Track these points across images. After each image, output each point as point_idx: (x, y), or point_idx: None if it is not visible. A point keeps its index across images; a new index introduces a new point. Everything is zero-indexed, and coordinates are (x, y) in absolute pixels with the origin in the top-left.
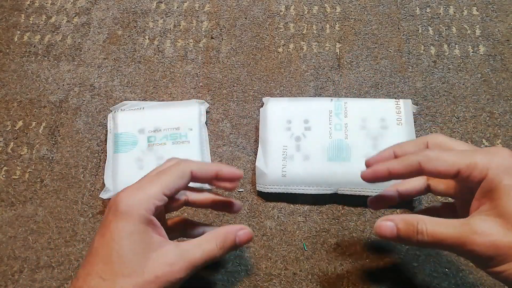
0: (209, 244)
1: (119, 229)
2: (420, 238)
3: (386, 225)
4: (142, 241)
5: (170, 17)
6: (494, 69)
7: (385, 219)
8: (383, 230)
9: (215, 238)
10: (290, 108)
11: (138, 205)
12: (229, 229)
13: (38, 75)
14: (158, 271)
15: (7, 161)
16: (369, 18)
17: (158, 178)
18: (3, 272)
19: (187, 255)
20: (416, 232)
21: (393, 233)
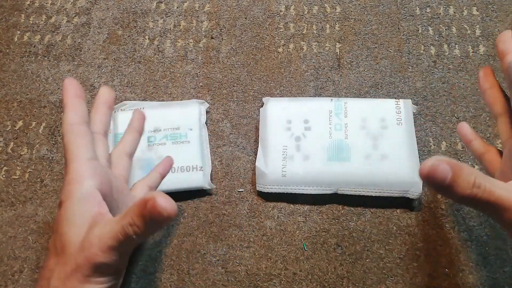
0: (120, 223)
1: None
2: (475, 192)
3: (443, 168)
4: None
5: (170, 17)
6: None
7: (443, 161)
8: (438, 172)
9: (125, 216)
10: (290, 108)
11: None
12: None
13: (38, 75)
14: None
15: (7, 161)
16: (369, 18)
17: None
18: (3, 272)
19: (103, 238)
20: (472, 184)
21: (446, 178)
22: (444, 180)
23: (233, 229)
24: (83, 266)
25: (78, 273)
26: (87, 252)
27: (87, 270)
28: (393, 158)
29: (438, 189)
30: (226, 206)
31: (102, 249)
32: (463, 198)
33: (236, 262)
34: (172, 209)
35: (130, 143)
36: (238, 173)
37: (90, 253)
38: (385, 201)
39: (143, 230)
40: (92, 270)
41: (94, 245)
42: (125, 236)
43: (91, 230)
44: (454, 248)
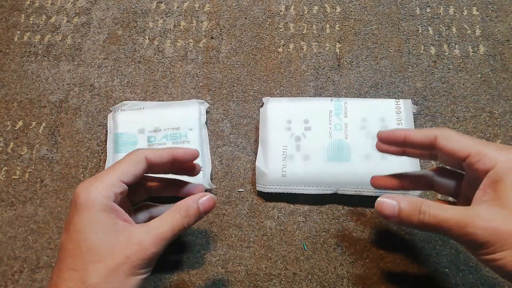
0: (173, 216)
1: (81, 220)
2: (422, 218)
3: (389, 203)
4: (107, 228)
5: (170, 17)
6: (494, 69)
7: (388, 197)
8: (385, 208)
9: (177, 209)
10: (290, 108)
11: (96, 194)
12: (190, 199)
13: (38, 75)
14: (128, 251)
15: (7, 161)
16: (369, 18)
17: (114, 167)
18: (3, 272)
19: (154, 230)
20: (418, 212)
21: (394, 212)
22: (394, 214)
23: (233, 229)
24: (134, 258)
25: (126, 265)
26: (140, 246)
27: (137, 261)
28: (393, 158)
29: (396, 222)
30: (226, 206)
31: (154, 241)
32: (414, 225)
33: (236, 262)
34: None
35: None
36: (238, 173)
37: (144, 246)
38: None
39: (193, 221)
40: (142, 261)
41: (146, 240)
42: (180, 227)
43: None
44: (454, 248)
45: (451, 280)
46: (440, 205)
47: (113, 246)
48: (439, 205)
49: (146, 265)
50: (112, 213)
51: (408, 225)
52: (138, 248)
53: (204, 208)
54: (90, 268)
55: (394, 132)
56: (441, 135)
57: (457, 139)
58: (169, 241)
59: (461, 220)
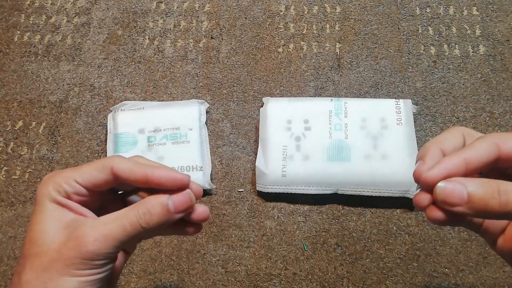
0: (130, 212)
1: (33, 212)
2: (505, 200)
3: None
4: (53, 220)
5: (170, 17)
6: (494, 69)
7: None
8: (449, 196)
9: (138, 205)
10: (290, 108)
11: (47, 187)
12: (158, 195)
13: (38, 75)
14: (63, 247)
15: (7, 161)
16: (369, 18)
17: (80, 166)
18: (3, 272)
19: (101, 226)
20: (498, 193)
21: (462, 198)
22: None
23: (233, 229)
24: (67, 255)
25: (58, 263)
26: (76, 242)
27: (71, 260)
28: (393, 158)
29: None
30: (226, 206)
31: (97, 238)
32: (493, 212)
33: (236, 262)
34: (190, 202)
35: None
36: (238, 173)
37: (81, 242)
38: (385, 201)
39: (157, 221)
40: (78, 260)
41: (86, 235)
42: (135, 226)
43: (78, 227)
44: (454, 248)
45: (451, 280)
46: None
47: (53, 240)
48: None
49: (85, 266)
50: (62, 206)
51: (486, 213)
52: (74, 244)
53: (176, 206)
54: (27, 263)
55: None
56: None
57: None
58: (121, 242)
59: None
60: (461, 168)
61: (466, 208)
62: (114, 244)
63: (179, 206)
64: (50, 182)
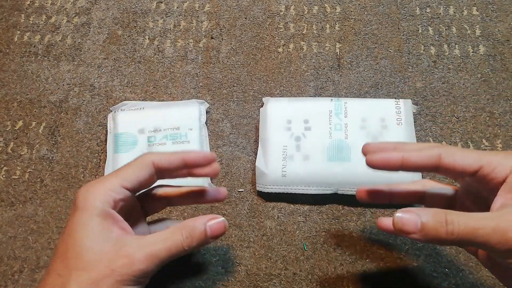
0: (173, 234)
1: (74, 223)
2: (451, 229)
3: (409, 217)
4: (98, 234)
5: (170, 17)
6: (494, 69)
7: (406, 211)
8: (405, 223)
9: (181, 228)
10: (290, 108)
11: (93, 198)
12: (198, 219)
13: (38, 75)
14: (114, 264)
15: (7, 161)
16: (369, 18)
17: (119, 171)
18: (3, 272)
19: (147, 246)
20: (445, 223)
21: (416, 227)
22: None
23: (233, 229)
24: (119, 272)
25: (110, 279)
26: (128, 260)
27: (122, 276)
28: None
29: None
30: (226, 206)
31: (145, 258)
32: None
33: (236, 262)
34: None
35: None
36: (238, 173)
37: (133, 261)
38: None
39: (197, 245)
40: (128, 277)
41: (136, 254)
42: (178, 248)
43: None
44: (454, 248)
45: (451, 280)
46: (465, 213)
47: (101, 255)
48: (464, 213)
49: (132, 282)
50: (107, 219)
51: (435, 240)
52: (125, 262)
53: (212, 232)
54: (73, 276)
55: (388, 155)
56: (445, 153)
57: (463, 155)
58: (164, 261)
59: (500, 225)
60: (397, 162)
61: (420, 236)
62: (159, 263)
63: (215, 232)
64: (95, 191)
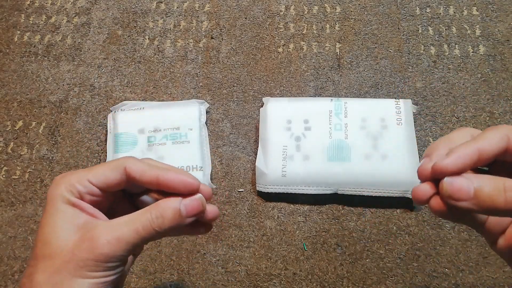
0: (142, 215)
1: (44, 213)
2: (510, 197)
3: (461, 182)
4: (65, 221)
5: (170, 17)
6: (494, 69)
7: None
8: (456, 190)
9: (151, 208)
10: (290, 108)
11: (60, 187)
12: (171, 198)
13: (38, 75)
14: (77, 249)
15: (7, 161)
16: (369, 18)
17: (93, 166)
18: (3, 272)
19: (114, 228)
20: (503, 190)
21: (469, 194)
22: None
23: (233, 229)
24: (80, 256)
25: (71, 264)
26: (89, 243)
27: (84, 261)
28: (393, 158)
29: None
30: (226, 206)
31: (110, 241)
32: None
33: (236, 262)
34: (201, 206)
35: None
36: (238, 173)
37: (95, 244)
38: (385, 201)
39: (170, 225)
40: (91, 262)
41: (99, 237)
42: (148, 229)
43: (91, 229)
44: (454, 248)
45: (451, 280)
46: None
47: (66, 242)
48: None
49: (98, 268)
50: (75, 207)
51: (490, 210)
52: (87, 245)
53: (188, 211)
54: (40, 265)
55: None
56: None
57: None
58: (134, 244)
59: None
60: (474, 158)
61: (472, 204)
62: (126, 247)
63: (191, 211)
64: (62, 182)
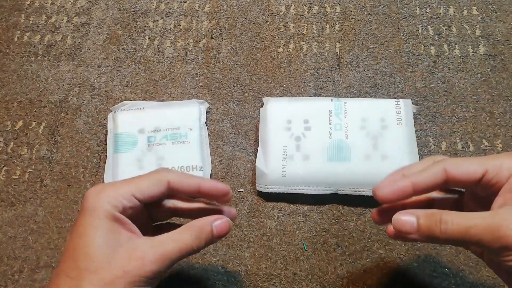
0: (183, 235)
1: (84, 225)
2: (444, 229)
3: (406, 218)
4: (109, 236)
5: (170, 17)
6: (494, 69)
7: (404, 213)
8: (403, 224)
9: (189, 229)
10: (290, 108)
11: (103, 200)
12: (204, 220)
13: (38, 75)
14: (127, 265)
15: (7, 161)
16: (369, 18)
17: (133, 180)
18: (3, 272)
19: (159, 247)
20: (439, 222)
21: (413, 227)
22: (413, 229)
23: (233, 229)
24: (131, 273)
25: (122, 280)
26: (139, 261)
27: (134, 278)
28: (393, 158)
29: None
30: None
31: (157, 258)
32: (437, 238)
33: (236, 262)
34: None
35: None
36: (238, 173)
37: (144, 262)
38: None
39: (204, 244)
40: (140, 278)
41: (147, 255)
42: (188, 248)
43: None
44: (454, 248)
45: (451, 280)
46: (460, 213)
47: (112, 257)
48: (460, 213)
49: (144, 283)
50: (116, 222)
51: (431, 239)
52: (138, 263)
53: (218, 232)
54: (85, 278)
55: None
56: (449, 166)
57: (467, 163)
58: (174, 261)
59: (492, 224)
60: (408, 189)
61: (417, 235)
62: (170, 264)
63: (220, 232)
64: (105, 195)
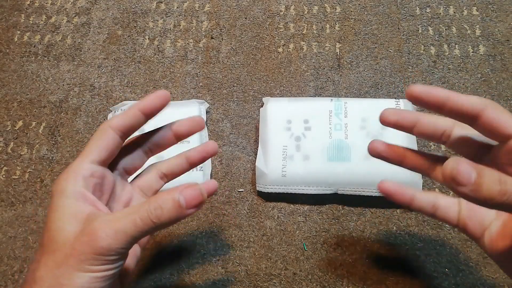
0: (141, 208)
1: (49, 210)
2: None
3: (465, 168)
4: (70, 215)
5: (170, 17)
6: (494, 69)
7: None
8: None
9: (149, 200)
10: (290, 108)
11: (64, 182)
12: (170, 190)
13: (38, 75)
14: (76, 242)
15: (7, 161)
16: (369, 18)
17: (82, 151)
18: (3, 272)
19: (113, 221)
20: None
21: (470, 179)
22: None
23: (233, 229)
24: (80, 250)
25: (72, 258)
26: (89, 237)
27: (85, 255)
28: None
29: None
30: (226, 206)
31: (109, 234)
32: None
33: (236, 262)
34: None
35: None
36: (238, 173)
37: (94, 237)
38: (385, 201)
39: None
40: (91, 256)
41: (98, 230)
42: (146, 221)
43: (91, 222)
44: (454, 248)
45: (451, 280)
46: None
47: (69, 236)
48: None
49: (97, 262)
50: (79, 200)
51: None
52: (87, 239)
53: (188, 202)
54: (42, 259)
55: (435, 89)
56: (491, 107)
57: (508, 115)
58: (132, 237)
59: None
60: (442, 99)
61: (470, 190)
62: (125, 240)
63: (191, 202)
64: (64, 176)
